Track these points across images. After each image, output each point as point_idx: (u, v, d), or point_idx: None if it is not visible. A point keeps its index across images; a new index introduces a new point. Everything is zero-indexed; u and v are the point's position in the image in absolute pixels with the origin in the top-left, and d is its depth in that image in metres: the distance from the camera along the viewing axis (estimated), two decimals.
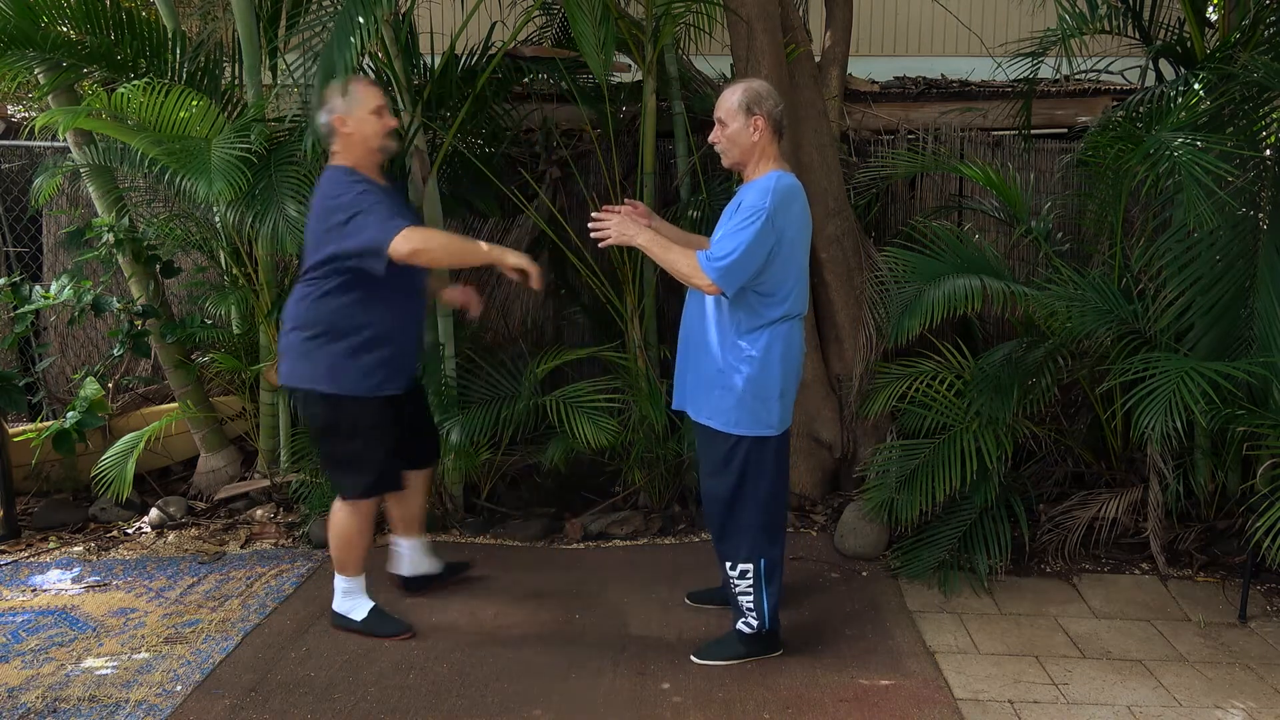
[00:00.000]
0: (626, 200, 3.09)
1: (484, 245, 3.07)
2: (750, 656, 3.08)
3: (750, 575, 3.01)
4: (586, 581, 3.72)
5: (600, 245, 2.95)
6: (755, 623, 3.04)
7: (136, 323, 4.49)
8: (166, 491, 4.71)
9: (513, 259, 3.01)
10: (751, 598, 3.02)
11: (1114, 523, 3.79)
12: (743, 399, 2.90)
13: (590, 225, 2.94)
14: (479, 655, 3.16)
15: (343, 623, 3.32)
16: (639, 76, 4.38)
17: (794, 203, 2.86)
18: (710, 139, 2.98)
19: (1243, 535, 3.62)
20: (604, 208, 2.98)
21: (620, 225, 2.90)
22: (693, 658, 3.10)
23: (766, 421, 2.93)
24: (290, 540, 4.19)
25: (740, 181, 3.01)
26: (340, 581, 3.32)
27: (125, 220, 4.49)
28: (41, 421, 4.87)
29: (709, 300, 2.96)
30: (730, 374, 2.91)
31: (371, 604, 3.32)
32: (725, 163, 2.99)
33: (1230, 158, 3.38)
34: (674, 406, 3.19)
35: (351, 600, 3.32)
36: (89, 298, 4.36)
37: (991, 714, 2.83)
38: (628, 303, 4.40)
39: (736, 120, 2.89)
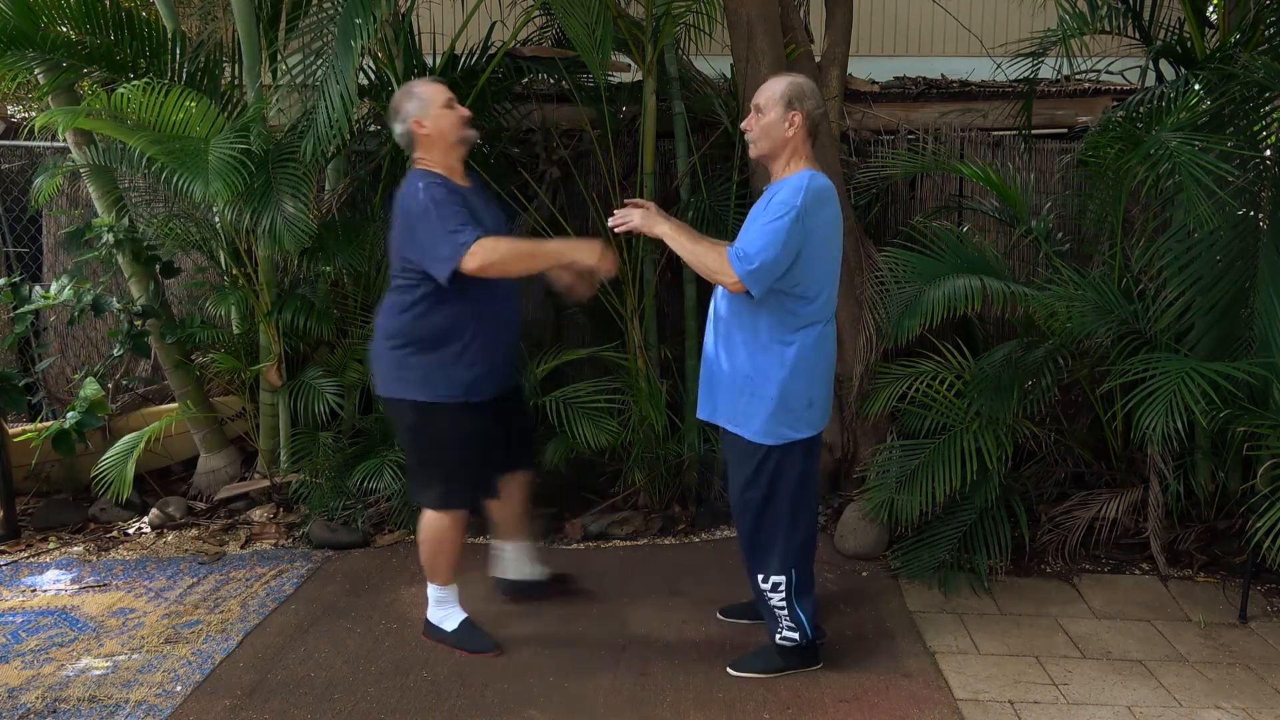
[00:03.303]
0: (639, 200, 3.03)
1: (554, 245, 3.02)
2: (789, 669, 3.01)
3: (783, 588, 2.93)
4: (586, 582, 3.72)
5: (617, 231, 2.90)
6: (796, 635, 2.97)
7: (136, 323, 4.49)
8: (166, 492, 4.71)
9: (585, 255, 2.92)
10: (787, 611, 2.95)
11: (1114, 523, 3.79)
12: (773, 407, 2.81)
13: (612, 221, 2.90)
14: (479, 655, 3.16)
15: (435, 634, 3.22)
16: (639, 76, 4.38)
17: (827, 204, 2.78)
18: (743, 126, 2.90)
19: (1243, 535, 3.61)
20: (626, 202, 2.95)
21: (644, 215, 2.88)
22: (729, 669, 3.03)
23: (796, 430, 2.85)
24: (290, 540, 4.19)
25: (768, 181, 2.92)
26: (432, 590, 3.22)
27: (125, 220, 4.49)
28: (41, 421, 4.87)
29: (736, 306, 2.87)
30: (760, 381, 2.82)
31: (463, 615, 3.22)
32: (753, 153, 2.90)
33: (1230, 158, 3.38)
34: (700, 416, 3.08)
35: (444, 610, 3.22)
36: (89, 298, 4.36)
37: (991, 714, 2.83)
38: (628, 303, 4.40)
39: (774, 110, 2.81)
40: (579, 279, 3.05)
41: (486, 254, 2.82)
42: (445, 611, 3.22)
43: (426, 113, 2.98)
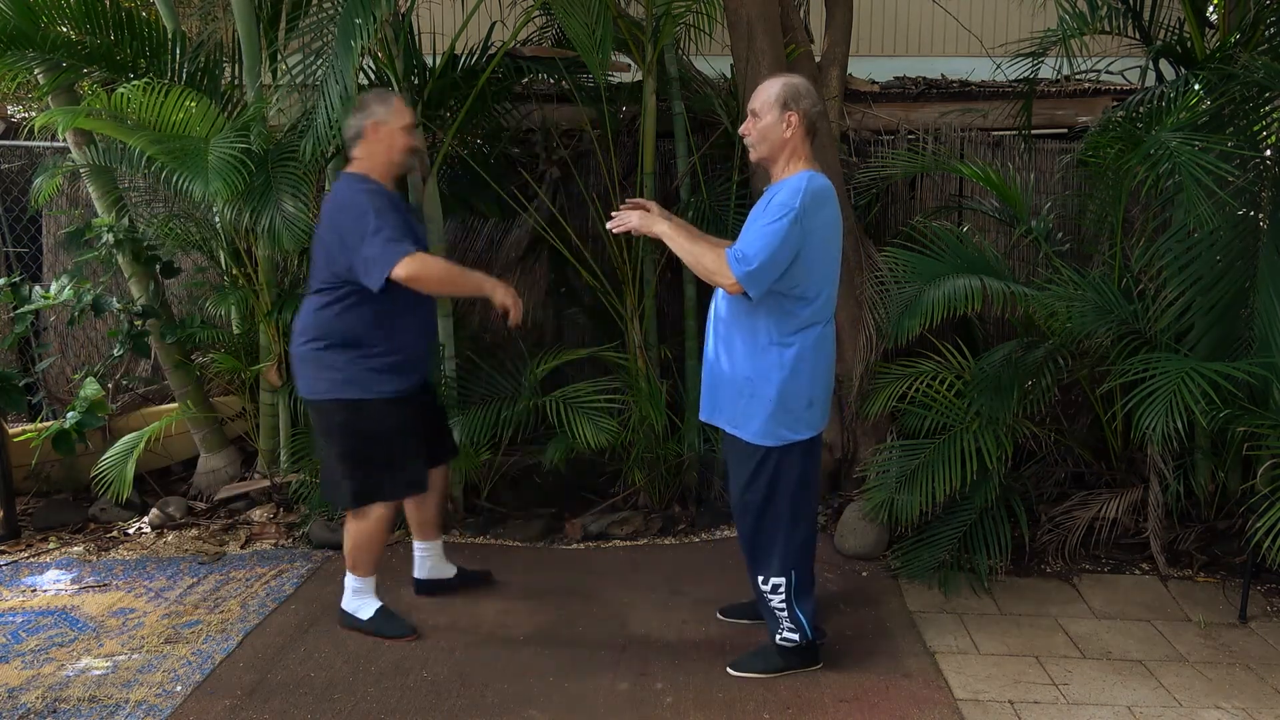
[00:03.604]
0: (640, 200, 3.02)
1: (479, 278, 3.16)
2: (789, 669, 3.01)
3: (783, 589, 2.93)
4: (586, 582, 3.72)
5: (615, 231, 2.91)
6: (796, 636, 2.98)
7: (136, 323, 4.49)
8: (166, 492, 4.71)
9: (500, 296, 3.10)
10: (787, 612, 2.96)
11: (1114, 523, 3.79)
12: (772, 409, 2.81)
13: (611, 224, 2.90)
14: (479, 655, 3.16)
15: (350, 622, 3.32)
16: (639, 76, 4.38)
17: (826, 205, 2.77)
18: (741, 131, 2.91)
19: (1243, 535, 3.61)
20: (628, 201, 2.96)
21: (642, 216, 2.88)
22: (729, 669, 3.03)
23: (796, 431, 2.85)
24: (290, 540, 4.19)
25: (769, 182, 2.92)
26: (351, 580, 3.32)
27: (125, 220, 4.49)
28: (41, 421, 4.87)
29: (735, 308, 2.87)
30: (760, 383, 2.82)
31: (379, 604, 3.32)
32: (753, 157, 2.91)
33: (1230, 158, 3.38)
34: (701, 418, 3.07)
35: (360, 600, 3.33)
36: (89, 298, 4.36)
37: (991, 714, 2.83)
38: (628, 303, 4.40)
39: (771, 113, 2.80)
40: (510, 309, 3.19)
41: (422, 266, 2.96)
42: (361, 601, 3.32)
43: (387, 122, 3.11)
